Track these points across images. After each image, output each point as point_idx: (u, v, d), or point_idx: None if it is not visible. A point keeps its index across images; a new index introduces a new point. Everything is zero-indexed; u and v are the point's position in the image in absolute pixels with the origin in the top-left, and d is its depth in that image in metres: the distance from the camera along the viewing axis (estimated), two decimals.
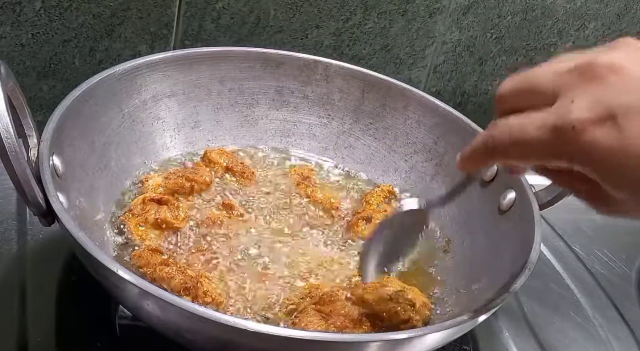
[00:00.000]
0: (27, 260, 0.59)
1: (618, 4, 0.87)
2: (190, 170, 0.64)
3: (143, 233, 0.57)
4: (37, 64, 0.71)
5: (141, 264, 0.54)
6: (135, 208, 0.58)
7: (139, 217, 0.58)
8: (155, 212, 0.58)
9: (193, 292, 0.51)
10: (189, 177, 0.62)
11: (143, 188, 0.62)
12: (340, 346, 0.42)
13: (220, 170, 0.66)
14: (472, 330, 0.53)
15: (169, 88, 0.66)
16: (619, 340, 0.65)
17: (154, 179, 0.62)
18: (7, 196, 0.64)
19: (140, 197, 0.59)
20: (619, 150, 0.35)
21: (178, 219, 0.59)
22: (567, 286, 0.70)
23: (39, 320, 0.53)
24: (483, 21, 0.84)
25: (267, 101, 0.72)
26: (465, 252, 0.61)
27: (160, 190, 0.61)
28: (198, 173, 0.63)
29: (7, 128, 0.44)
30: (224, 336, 0.42)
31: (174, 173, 0.63)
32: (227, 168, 0.66)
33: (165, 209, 0.59)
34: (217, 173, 0.66)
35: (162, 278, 0.52)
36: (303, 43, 0.78)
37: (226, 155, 0.67)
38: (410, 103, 0.71)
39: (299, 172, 0.69)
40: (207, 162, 0.66)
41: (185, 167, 0.65)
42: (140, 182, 0.62)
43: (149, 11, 0.71)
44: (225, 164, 0.66)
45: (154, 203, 0.59)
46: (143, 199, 0.59)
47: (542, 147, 0.37)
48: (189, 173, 0.63)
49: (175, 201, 0.60)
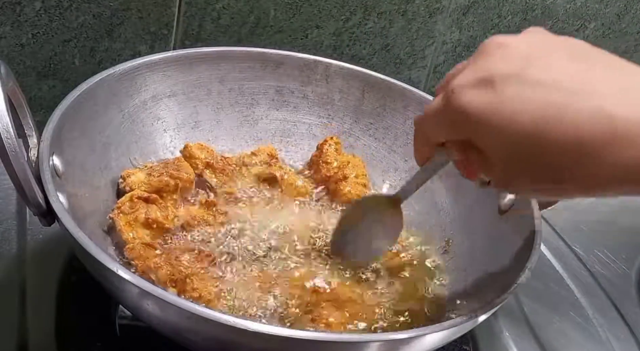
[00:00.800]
0: (27, 260, 0.59)
1: (618, 4, 0.87)
2: (172, 165, 0.62)
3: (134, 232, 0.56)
4: (37, 64, 0.71)
5: (133, 257, 0.53)
6: (124, 206, 0.57)
7: (128, 216, 0.56)
8: (145, 212, 0.57)
9: (180, 285, 0.51)
10: (173, 174, 0.61)
11: (125, 184, 0.60)
12: (340, 346, 0.42)
13: (200, 165, 0.65)
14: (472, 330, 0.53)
15: (169, 88, 0.66)
16: (619, 340, 0.65)
17: (135, 175, 0.60)
18: (7, 196, 0.64)
19: (127, 195, 0.58)
20: (493, 110, 0.37)
21: (168, 219, 0.58)
22: (567, 286, 0.70)
23: (39, 320, 0.53)
24: (483, 21, 0.84)
25: (267, 101, 0.72)
26: (465, 252, 0.61)
27: (144, 188, 0.59)
28: (181, 170, 0.62)
29: (7, 128, 0.44)
30: (224, 336, 0.42)
31: (156, 170, 0.61)
32: (208, 165, 0.65)
33: (155, 209, 0.58)
34: (197, 169, 0.64)
35: (149, 268, 0.52)
36: (303, 43, 0.78)
37: (207, 151, 0.66)
38: (410, 103, 0.70)
39: (266, 151, 0.69)
40: (188, 157, 0.65)
41: (165, 162, 0.64)
42: (121, 178, 0.61)
43: (149, 11, 0.71)
44: (205, 160, 0.65)
45: (141, 201, 0.57)
46: (131, 197, 0.57)
47: (438, 117, 0.41)
48: (172, 170, 0.61)
49: (163, 200, 0.59)
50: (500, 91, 0.37)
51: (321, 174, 0.68)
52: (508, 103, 0.36)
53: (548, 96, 0.36)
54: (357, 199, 0.58)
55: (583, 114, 0.35)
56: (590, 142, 0.35)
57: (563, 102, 0.35)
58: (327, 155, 0.68)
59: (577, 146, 0.35)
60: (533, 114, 0.36)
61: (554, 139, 0.35)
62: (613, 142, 0.34)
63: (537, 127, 0.36)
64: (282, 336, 0.41)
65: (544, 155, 0.36)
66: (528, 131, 0.36)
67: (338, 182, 0.66)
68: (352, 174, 0.67)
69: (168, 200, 0.60)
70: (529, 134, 0.36)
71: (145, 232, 0.57)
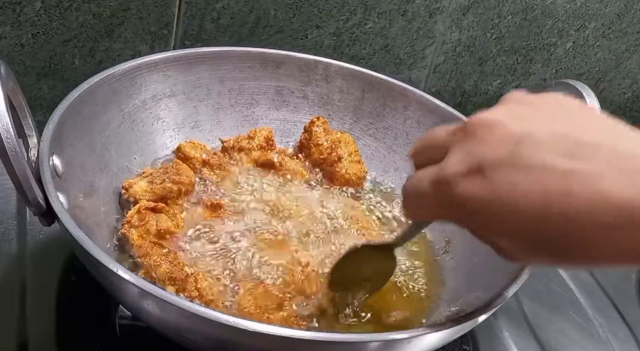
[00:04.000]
0: (27, 260, 0.59)
1: (618, 4, 0.87)
2: (172, 170, 0.61)
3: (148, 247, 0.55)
4: (37, 64, 0.71)
5: (140, 254, 0.53)
6: (132, 219, 0.56)
7: (139, 228, 0.56)
8: (155, 223, 0.56)
9: (180, 284, 0.51)
10: (175, 179, 0.60)
11: (128, 194, 0.59)
12: (339, 346, 0.42)
13: (197, 165, 0.64)
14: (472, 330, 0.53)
15: (169, 88, 0.66)
16: (619, 340, 0.65)
17: (137, 185, 0.59)
18: (7, 196, 0.64)
19: (135, 208, 0.57)
20: (490, 200, 0.36)
21: (179, 227, 0.58)
22: (567, 286, 0.70)
23: (39, 320, 0.53)
24: (483, 21, 0.84)
25: (267, 101, 0.72)
26: (465, 252, 0.61)
27: (148, 197, 0.59)
28: (181, 174, 0.61)
29: (7, 128, 0.44)
30: (224, 336, 0.42)
31: (157, 177, 0.60)
32: (204, 162, 0.64)
33: (165, 218, 0.57)
34: (195, 169, 0.64)
35: (150, 266, 0.52)
36: (303, 43, 0.78)
37: (200, 148, 0.66)
38: (410, 103, 0.71)
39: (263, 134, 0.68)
40: (184, 158, 0.64)
41: (164, 167, 0.62)
42: (123, 189, 0.60)
43: (149, 11, 0.71)
44: (201, 158, 0.64)
45: (149, 212, 0.57)
46: (138, 209, 0.57)
47: (430, 201, 0.39)
48: (172, 175, 0.60)
49: (169, 207, 0.59)
50: (492, 179, 0.36)
51: (314, 157, 0.68)
52: (502, 193, 0.35)
53: (541, 181, 0.34)
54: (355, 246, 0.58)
55: (580, 199, 0.33)
56: (590, 228, 0.33)
57: (556, 187, 0.34)
58: (317, 137, 0.68)
59: (579, 232, 0.34)
60: (528, 203, 0.35)
61: (554, 226, 0.34)
62: (615, 228, 0.33)
63: (535, 214, 0.35)
64: (282, 336, 0.41)
65: (547, 241, 0.35)
66: (525, 219, 0.35)
67: (334, 164, 0.67)
68: (345, 153, 0.67)
69: (174, 206, 0.60)
70: (525, 222, 0.35)
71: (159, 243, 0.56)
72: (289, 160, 0.68)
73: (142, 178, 0.61)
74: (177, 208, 0.60)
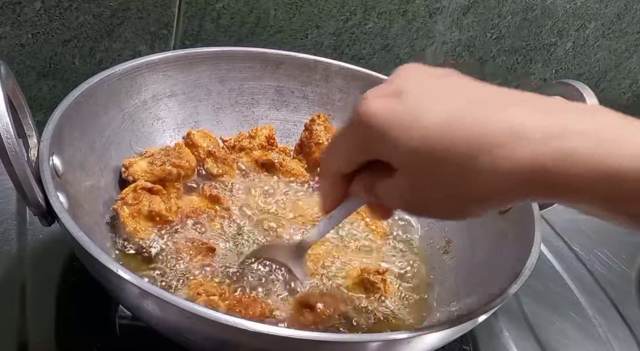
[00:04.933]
0: (27, 260, 0.59)
1: (618, 4, 0.87)
2: (174, 152, 0.62)
3: (136, 224, 0.56)
4: (37, 64, 0.71)
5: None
6: (127, 197, 0.57)
7: (132, 207, 0.56)
8: (148, 204, 0.57)
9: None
10: (175, 163, 0.60)
11: (127, 173, 0.59)
12: (340, 346, 0.42)
13: (202, 154, 0.65)
14: (472, 330, 0.53)
15: (169, 88, 0.66)
16: (619, 340, 0.65)
17: (137, 164, 0.60)
18: (7, 196, 0.64)
19: (131, 186, 0.58)
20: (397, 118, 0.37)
21: (171, 211, 0.58)
22: (567, 286, 0.70)
23: (39, 320, 0.53)
24: (483, 21, 0.84)
25: (267, 101, 0.72)
26: (465, 252, 0.61)
27: (147, 178, 0.59)
28: (183, 157, 0.61)
29: (7, 128, 0.44)
30: (224, 336, 0.42)
31: (158, 159, 0.61)
32: (210, 153, 0.65)
33: (159, 200, 0.57)
34: (199, 157, 0.64)
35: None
36: (303, 43, 0.78)
37: (209, 138, 0.66)
38: None
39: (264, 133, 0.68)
40: (190, 145, 0.65)
41: (167, 149, 0.63)
42: (123, 167, 0.60)
43: (149, 11, 0.71)
44: (208, 148, 0.65)
45: (145, 192, 0.57)
46: (135, 187, 0.57)
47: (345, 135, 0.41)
48: (174, 158, 0.61)
49: (166, 191, 0.59)
50: (406, 99, 0.38)
51: (314, 156, 0.68)
52: (413, 110, 0.37)
53: (452, 102, 0.37)
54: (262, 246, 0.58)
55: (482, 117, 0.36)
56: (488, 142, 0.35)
57: (466, 107, 0.36)
58: (317, 136, 0.68)
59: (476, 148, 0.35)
60: (434, 119, 0.36)
61: (457, 141, 0.36)
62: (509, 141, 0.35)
63: (438, 132, 0.36)
64: (282, 336, 0.41)
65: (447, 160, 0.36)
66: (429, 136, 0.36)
67: None
68: None
69: (171, 189, 0.60)
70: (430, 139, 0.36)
71: (148, 224, 0.57)
72: (289, 161, 0.68)
73: (144, 158, 0.61)
74: (174, 192, 0.60)
